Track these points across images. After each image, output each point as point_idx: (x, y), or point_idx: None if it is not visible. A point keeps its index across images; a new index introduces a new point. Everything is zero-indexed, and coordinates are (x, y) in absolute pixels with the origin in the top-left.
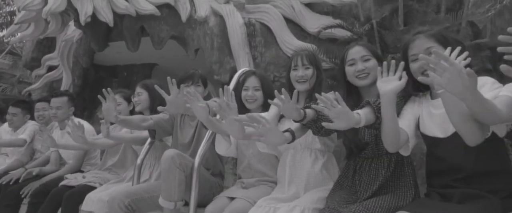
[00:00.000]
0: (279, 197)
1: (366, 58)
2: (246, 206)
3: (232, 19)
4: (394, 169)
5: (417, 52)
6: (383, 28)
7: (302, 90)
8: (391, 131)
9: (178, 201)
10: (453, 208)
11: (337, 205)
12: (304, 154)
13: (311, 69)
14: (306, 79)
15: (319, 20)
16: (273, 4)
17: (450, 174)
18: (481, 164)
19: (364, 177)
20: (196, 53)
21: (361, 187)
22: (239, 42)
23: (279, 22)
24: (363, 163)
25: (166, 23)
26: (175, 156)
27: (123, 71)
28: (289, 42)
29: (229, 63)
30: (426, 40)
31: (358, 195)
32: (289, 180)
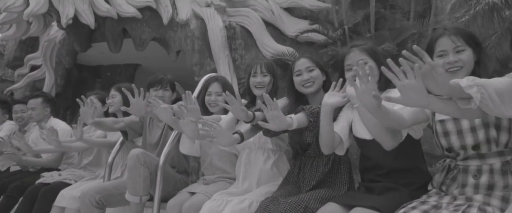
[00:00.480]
0: (233, 191)
1: (311, 69)
2: (204, 199)
3: (212, 22)
4: (332, 167)
5: (351, 63)
6: (355, 33)
7: (259, 95)
8: (326, 136)
9: (143, 196)
10: (372, 198)
11: (279, 196)
12: (258, 153)
13: (268, 77)
14: (264, 85)
15: (297, 24)
16: (253, 8)
17: (375, 170)
18: (399, 162)
19: (306, 173)
20: (177, 55)
21: (303, 182)
22: (219, 44)
23: (259, 26)
24: (306, 162)
25: (148, 25)
26: (140, 155)
27: (107, 71)
28: (269, 45)
29: (210, 65)
30: (359, 53)
31: (300, 189)
32: (243, 176)
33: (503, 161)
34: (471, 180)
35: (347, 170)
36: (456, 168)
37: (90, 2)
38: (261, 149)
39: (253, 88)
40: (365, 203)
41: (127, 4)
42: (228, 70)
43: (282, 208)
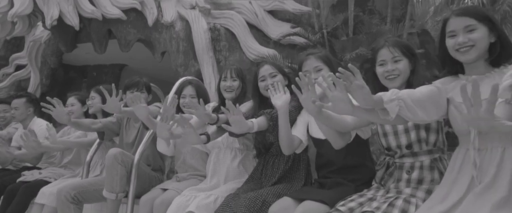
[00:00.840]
0: (202, 187)
1: (274, 75)
2: (174, 195)
3: (197, 24)
4: (292, 164)
5: (308, 69)
6: (333, 37)
7: (229, 98)
8: (285, 136)
9: (119, 193)
10: (321, 192)
11: (241, 192)
12: (226, 152)
13: (237, 81)
14: (233, 89)
15: (280, 27)
16: (237, 10)
17: (327, 167)
18: (348, 160)
19: (268, 170)
20: (162, 56)
21: (265, 179)
22: (203, 46)
23: (243, 28)
24: (269, 160)
25: (133, 26)
26: (117, 154)
27: (93, 71)
28: (252, 47)
29: (194, 66)
30: (315, 60)
31: (262, 185)
32: (212, 173)
33: (432, 158)
34: (405, 176)
35: (305, 168)
36: (393, 165)
37: (74, 4)
38: (229, 148)
39: (223, 92)
40: (314, 196)
41: (112, 5)
42: (212, 71)
43: (242, 203)
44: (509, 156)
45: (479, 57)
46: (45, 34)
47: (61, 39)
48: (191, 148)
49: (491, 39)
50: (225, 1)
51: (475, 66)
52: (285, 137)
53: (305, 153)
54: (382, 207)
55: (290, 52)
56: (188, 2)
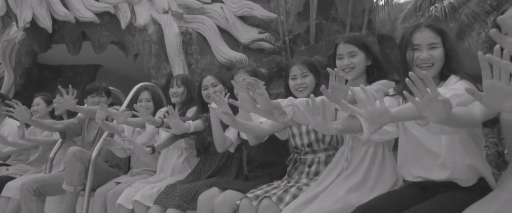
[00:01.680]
0: (149, 180)
1: (215, 84)
2: (125, 187)
3: (169, 28)
4: (225, 161)
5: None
6: (294, 44)
7: (175, 102)
8: (218, 137)
9: (77, 186)
10: (242, 183)
11: (178, 184)
12: (173, 151)
13: (182, 88)
14: (178, 95)
15: (250, 32)
16: (209, 15)
17: (252, 163)
18: (266, 157)
19: (206, 166)
20: (135, 58)
21: (202, 173)
22: (174, 49)
23: (214, 32)
24: (207, 157)
25: (106, 29)
26: (76, 152)
27: (68, 71)
28: (222, 51)
29: (166, 68)
30: (243, 74)
31: (200, 178)
32: (160, 169)
33: (327, 154)
34: (306, 169)
35: (237, 164)
36: (298, 161)
37: (48, 7)
38: (177, 147)
39: (171, 97)
40: (234, 186)
41: (86, 9)
42: (183, 73)
43: (178, 192)
44: (372, 153)
45: (357, 76)
46: (19, 34)
47: (35, 40)
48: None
49: (368, 63)
50: (198, 6)
51: (355, 83)
52: (217, 137)
53: (238, 152)
54: (278, 193)
55: (258, 56)
56: (161, 7)
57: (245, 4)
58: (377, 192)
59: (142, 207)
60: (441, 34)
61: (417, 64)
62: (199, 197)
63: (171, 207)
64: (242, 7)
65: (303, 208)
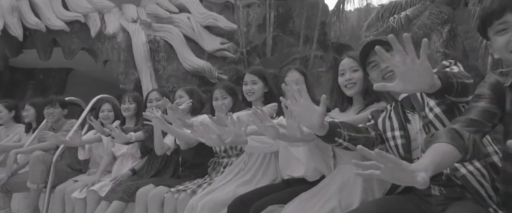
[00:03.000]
0: (104, 178)
1: (181, 96)
2: (80, 185)
3: (137, 37)
4: (165, 163)
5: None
6: (250, 56)
7: (127, 116)
8: (157, 143)
9: (40, 184)
10: (172, 181)
11: (124, 181)
12: (128, 158)
13: (134, 104)
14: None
15: (215, 41)
16: (176, 24)
17: (184, 164)
18: (195, 159)
19: (149, 168)
20: (105, 64)
21: (146, 173)
22: (142, 57)
23: (180, 41)
24: (150, 160)
25: (77, 36)
26: (39, 155)
27: (40, 74)
28: (188, 58)
29: (134, 74)
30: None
31: (143, 177)
32: (115, 172)
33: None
34: (222, 170)
35: (174, 165)
36: (217, 163)
37: (19, 16)
38: (131, 155)
39: (123, 112)
40: (164, 183)
41: (56, 18)
42: (150, 80)
43: (122, 187)
44: (262, 158)
45: (257, 100)
46: None
47: (6, 45)
48: (101, 151)
49: (265, 90)
50: (166, 16)
51: (255, 104)
52: (157, 143)
53: (175, 155)
54: (193, 187)
55: (222, 64)
56: (130, 16)
57: (210, 15)
58: (260, 186)
59: (94, 195)
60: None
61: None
62: (137, 191)
63: (116, 200)
64: (207, 17)
65: (205, 198)
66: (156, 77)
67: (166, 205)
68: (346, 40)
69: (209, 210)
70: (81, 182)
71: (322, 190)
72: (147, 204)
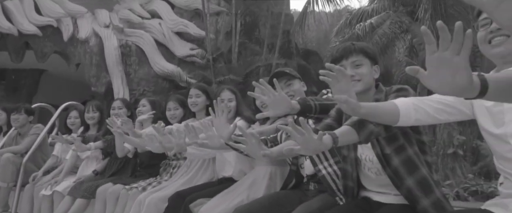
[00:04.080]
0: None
1: (144, 105)
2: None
3: (109, 42)
4: (124, 164)
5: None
6: (216, 62)
7: (91, 125)
8: (119, 147)
9: (9, 183)
10: (129, 180)
11: (86, 181)
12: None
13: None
14: (94, 118)
15: (185, 47)
16: (148, 30)
17: (141, 165)
18: (151, 160)
19: (110, 168)
20: (77, 67)
21: (106, 172)
22: (113, 61)
23: (151, 46)
24: (111, 161)
25: (49, 40)
26: (9, 157)
27: (12, 74)
28: (159, 63)
29: (105, 77)
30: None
31: (104, 176)
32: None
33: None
34: (171, 170)
35: (132, 166)
36: (168, 164)
37: None
38: (95, 158)
39: (86, 120)
40: (121, 181)
41: (29, 22)
42: (121, 83)
43: (84, 186)
44: (202, 161)
45: (199, 111)
46: None
47: None
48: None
49: (207, 102)
50: (138, 21)
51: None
52: (118, 147)
53: (134, 158)
54: (144, 185)
55: (191, 68)
56: (103, 21)
57: (181, 22)
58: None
59: (59, 195)
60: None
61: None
62: (97, 189)
63: (79, 197)
64: (178, 24)
65: (152, 194)
66: (127, 81)
67: (120, 200)
68: (313, 46)
69: (154, 204)
70: (47, 182)
71: (237, 187)
72: (106, 200)
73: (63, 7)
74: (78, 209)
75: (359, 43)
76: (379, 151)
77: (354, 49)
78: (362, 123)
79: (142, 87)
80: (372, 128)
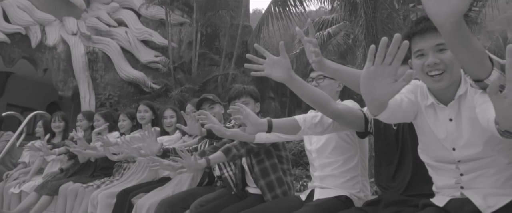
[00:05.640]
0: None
1: (98, 120)
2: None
3: (76, 49)
4: (84, 165)
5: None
6: (175, 71)
7: (57, 133)
8: (79, 156)
9: None
10: (87, 179)
11: (50, 180)
12: (57, 162)
13: (63, 123)
14: (60, 127)
15: (150, 54)
16: (115, 37)
17: (99, 166)
18: (107, 163)
19: (73, 168)
20: (45, 72)
21: (70, 171)
22: (80, 67)
23: (117, 53)
24: (75, 163)
25: (18, 46)
26: None
27: None
28: (124, 69)
29: (72, 82)
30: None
31: (67, 176)
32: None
33: None
34: (122, 171)
35: (93, 168)
36: (119, 166)
37: None
38: (59, 160)
39: (53, 129)
40: (80, 180)
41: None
42: (87, 88)
43: (49, 185)
44: None
45: (146, 124)
46: None
47: None
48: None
49: (153, 117)
50: (105, 29)
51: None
52: (79, 156)
53: (94, 161)
54: (98, 183)
55: (155, 74)
56: (70, 29)
57: (146, 31)
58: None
59: (25, 194)
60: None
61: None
62: (60, 187)
63: (44, 194)
64: (143, 33)
65: (104, 191)
66: (93, 85)
67: (78, 196)
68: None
69: (105, 199)
70: (17, 181)
71: (168, 185)
72: (67, 196)
73: (31, 15)
74: (43, 204)
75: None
76: (249, 162)
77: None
78: (229, 149)
79: (108, 92)
80: (235, 151)
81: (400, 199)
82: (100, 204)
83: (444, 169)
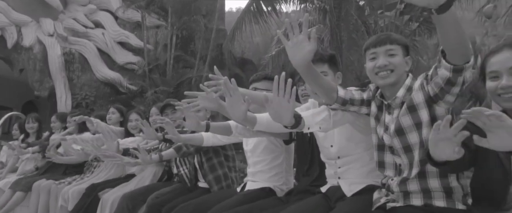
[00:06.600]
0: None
1: (54, 121)
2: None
3: (52, 50)
4: (56, 163)
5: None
6: (150, 73)
7: (31, 134)
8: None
9: None
10: (59, 176)
11: (25, 178)
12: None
13: (36, 124)
14: (34, 128)
15: (126, 55)
16: (91, 39)
17: (70, 165)
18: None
19: (47, 166)
20: (21, 72)
21: (43, 169)
22: (57, 68)
23: (94, 54)
24: (49, 161)
25: None
26: None
27: None
28: (100, 69)
29: (49, 82)
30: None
31: (39, 173)
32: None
33: None
34: (92, 169)
35: (65, 165)
36: (90, 165)
37: None
38: (34, 159)
39: (27, 130)
40: (53, 177)
41: None
42: (64, 88)
43: (23, 182)
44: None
45: (114, 125)
46: None
47: None
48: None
49: (121, 119)
50: (82, 30)
51: None
52: None
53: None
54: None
55: (131, 76)
56: (47, 30)
57: (123, 33)
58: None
59: (1, 191)
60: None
61: None
62: (33, 184)
63: (18, 190)
64: (119, 35)
65: (74, 187)
66: (70, 86)
67: (51, 193)
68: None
69: (76, 194)
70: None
71: (132, 181)
72: (40, 192)
73: (7, 16)
74: (17, 200)
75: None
76: (199, 160)
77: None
78: (180, 147)
79: (85, 92)
80: (185, 149)
81: (306, 189)
82: (71, 198)
83: (329, 163)
